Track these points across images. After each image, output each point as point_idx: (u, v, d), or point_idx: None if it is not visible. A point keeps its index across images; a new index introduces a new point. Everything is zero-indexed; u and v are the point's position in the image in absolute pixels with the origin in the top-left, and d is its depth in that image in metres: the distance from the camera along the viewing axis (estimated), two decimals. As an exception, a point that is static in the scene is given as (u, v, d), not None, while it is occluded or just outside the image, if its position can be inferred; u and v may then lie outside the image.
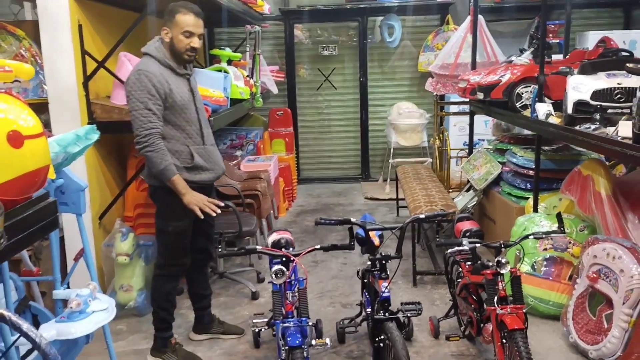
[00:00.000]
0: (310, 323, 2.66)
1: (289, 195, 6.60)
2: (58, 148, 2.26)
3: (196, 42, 3.04)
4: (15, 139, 1.50)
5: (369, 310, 2.95)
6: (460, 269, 3.30)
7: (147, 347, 3.39)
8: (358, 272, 3.30)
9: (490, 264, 2.76)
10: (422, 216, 2.83)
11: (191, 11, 3.02)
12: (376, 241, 3.02)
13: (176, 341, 3.33)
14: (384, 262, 2.75)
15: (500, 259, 2.69)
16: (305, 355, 2.49)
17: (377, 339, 2.63)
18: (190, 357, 3.27)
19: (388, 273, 2.73)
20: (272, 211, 5.28)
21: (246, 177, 5.36)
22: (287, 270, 2.64)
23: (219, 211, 3.04)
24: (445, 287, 3.90)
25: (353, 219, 2.75)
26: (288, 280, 2.77)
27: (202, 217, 3.01)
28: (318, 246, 2.67)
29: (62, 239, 3.94)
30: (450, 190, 5.85)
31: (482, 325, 2.97)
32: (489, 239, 4.46)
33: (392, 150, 7.08)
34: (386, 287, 2.68)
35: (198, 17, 3.04)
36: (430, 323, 3.51)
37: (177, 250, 3.19)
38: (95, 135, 2.51)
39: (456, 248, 2.80)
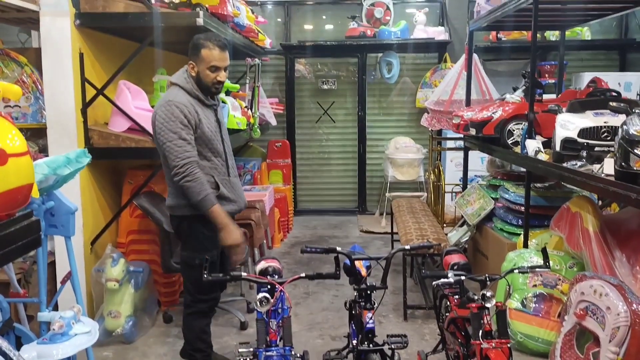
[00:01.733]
0: (293, 352, 2.65)
1: (284, 226, 6.62)
2: (48, 170, 2.30)
3: (223, 76, 3.03)
4: (0, 157, 1.54)
5: (354, 341, 2.93)
6: (448, 303, 3.29)
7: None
8: (345, 303, 3.29)
9: (476, 297, 2.76)
10: (407, 247, 2.85)
11: (217, 46, 2.98)
12: (363, 272, 3.02)
13: None
14: (369, 292, 2.75)
15: (485, 292, 2.69)
16: None
17: (361, 371, 2.62)
18: None
19: (373, 304, 2.73)
20: (264, 241, 5.28)
21: (241, 206, 5.40)
22: (272, 298, 2.64)
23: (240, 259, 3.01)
24: (435, 322, 3.88)
25: (339, 248, 2.77)
26: (273, 308, 2.78)
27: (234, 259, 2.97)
28: (303, 274, 2.68)
29: (53, 263, 3.96)
30: (445, 225, 5.86)
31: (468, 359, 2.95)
32: (482, 274, 4.45)
33: (388, 184, 7.12)
34: (370, 318, 2.67)
35: (223, 51, 3.01)
36: (419, 357, 3.48)
37: (206, 284, 2.98)
38: (86, 159, 2.56)
39: (442, 280, 2.80)
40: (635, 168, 2.43)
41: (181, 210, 3.03)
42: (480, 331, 2.67)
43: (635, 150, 2.41)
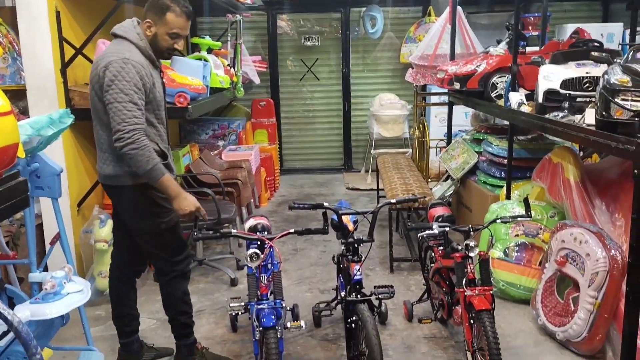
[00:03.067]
0: (284, 305, 2.72)
1: (270, 185, 6.65)
2: (31, 130, 2.29)
3: (180, 45, 2.77)
4: (-16, 117, 1.53)
5: (343, 293, 3.01)
6: (433, 254, 3.37)
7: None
8: (333, 257, 3.37)
9: (460, 247, 2.83)
10: (393, 201, 2.90)
11: (184, 12, 2.73)
12: (350, 226, 3.08)
13: (202, 346, 3.07)
14: (356, 245, 2.81)
15: (469, 242, 2.77)
16: (278, 335, 2.55)
17: (349, 320, 2.70)
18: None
19: (361, 257, 2.79)
20: (252, 200, 5.32)
21: (227, 166, 5.40)
22: (262, 254, 2.69)
23: (206, 218, 2.78)
24: (420, 274, 3.98)
25: (326, 204, 2.81)
26: (263, 263, 2.83)
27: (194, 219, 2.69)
28: (292, 230, 2.72)
29: (40, 226, 3.97)
30: (430, 180, 5.93)
31: (452, 307, 3.05)
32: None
33: (374, 141, 7.14)
34: (358, 270, 2.74)
35: (188, 20, 2.77)
36: (404, 307, 3.59)
37: (178, 245, 2.90)
38: (69, 120, 2.54)
39: (427, 232, 2.87)
40: (615, 117, 2.47)
41: (123, 180, 2.73)
42: (464, 279, 2.76)
43: (616, 99, 2.44)
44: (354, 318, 2.65)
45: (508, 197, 4.08)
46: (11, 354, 2.31)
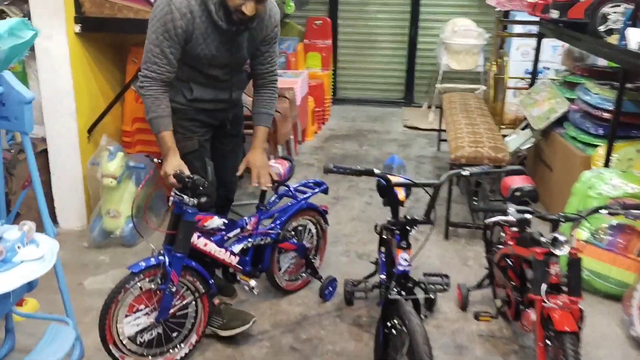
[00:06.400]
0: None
1: (319, 117, 5.94)
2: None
3: (249, 9, 2.23)
4: None
5: (383, 276, 2.38)
6: (502, 233, 2.65)
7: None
8: (376, 226, 2.68)
9: (543, 240, 2.10)
10: (466, 173, 2.13)
11: None
12: (401, 195, 2.39)
13: (221, 301, 2.66)
14: (407, 227, 2.13)
15: (557, 235, 2.03)
16: None
17: (388, 323, 2.07)
18: (239, 316, 2.60)
19: (410, 243, 2.12)
20: (292, 136, 4.64)
21: (267, 94, 4.71)
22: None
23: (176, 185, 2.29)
24: (483, 245, 3.28)
25: (376, 170, 2.11)
26: None
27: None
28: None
29: (46, 152, 3.49)
30: (503, 127, 5.05)
31: (522, 308, 2.35)
32: (543, 190, 3.75)
33: (441, 74, 6.24)
34: (406, 260, 2.08)
35: None
36: (459, 292, 2.91)
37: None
38: (30, 33, 1.90)
39: (499, 218, 2.14)
40: None
41: None
42: (544, 284, 2.05)
43: None
44: (396, 321, 2.02)
45: (607, 163, 3.23)
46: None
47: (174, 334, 2.37)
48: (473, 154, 3.51)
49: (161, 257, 2.20)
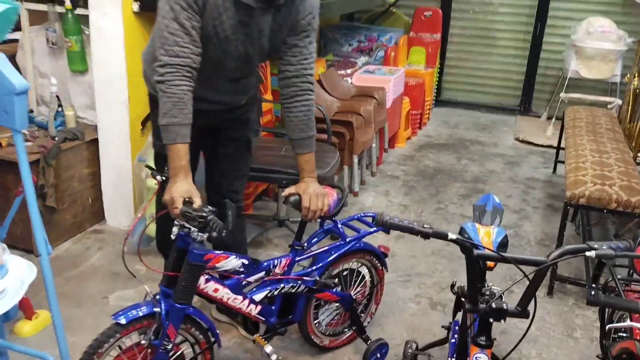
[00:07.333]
0: None
1: (415, 121, 5.26)
2: None
3: None
4: None
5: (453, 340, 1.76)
6: (625, 316, 1.90)
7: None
8: (452, 285, 2.02)
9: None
10: (591, 254, 1.39)
11: None
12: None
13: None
14: (490, 319, 1.48)
15: None
16: None
17: None
18: None
19: (493, 340, 1.47)
20: (373, 145, 4.02)
21: (354, 93, 4.14)
22: None
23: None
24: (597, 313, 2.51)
25: (451, 235, 1.44)
26: None
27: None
28: None
29: (96, 142, 3.18)
30: (640, 155, 4.09)
31: None
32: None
33: (567, 81, 5.30)
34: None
35: None
36: (556, 381, 2.19)
37: None
38: (3, 6, 1.48)
39: (628, 324, 1.41)
40: None
41: None
42: None
43: None
44: None
45: None
46: None
47: None
48: (597, 194, 2.72)
49: (156, 309, 1.71)
